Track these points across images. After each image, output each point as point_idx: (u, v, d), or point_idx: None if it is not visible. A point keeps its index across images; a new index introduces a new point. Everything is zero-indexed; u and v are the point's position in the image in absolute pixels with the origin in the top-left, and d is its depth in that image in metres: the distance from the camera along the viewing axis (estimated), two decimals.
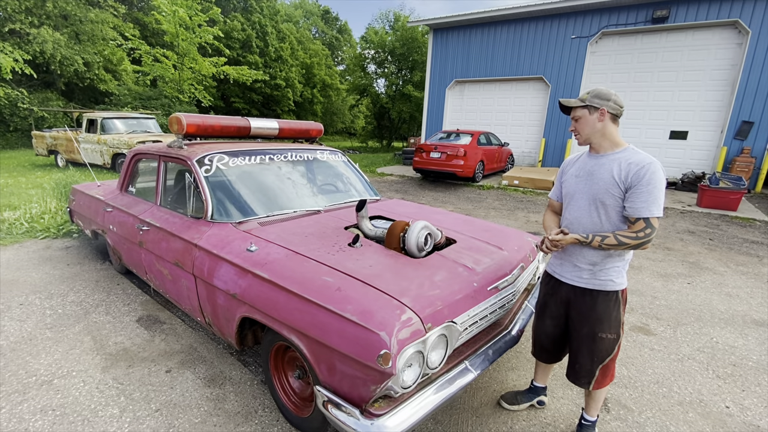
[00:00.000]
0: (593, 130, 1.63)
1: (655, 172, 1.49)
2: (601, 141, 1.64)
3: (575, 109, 1.66)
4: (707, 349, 2.81)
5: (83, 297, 3.24)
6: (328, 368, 1.51)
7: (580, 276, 1.71)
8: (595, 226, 1.65)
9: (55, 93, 18.31)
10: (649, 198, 1.49)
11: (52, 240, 4.64)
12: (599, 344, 1.70)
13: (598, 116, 1.61)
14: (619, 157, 1.59)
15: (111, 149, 9.07)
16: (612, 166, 1.59)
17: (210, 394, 2.16)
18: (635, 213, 1.52)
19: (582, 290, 1.72)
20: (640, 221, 1.52)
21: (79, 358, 2.43)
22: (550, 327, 1.89)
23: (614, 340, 1.70)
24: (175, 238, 2.39)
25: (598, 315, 1.68)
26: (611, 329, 1.68)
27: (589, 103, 1.61)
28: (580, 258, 1.70)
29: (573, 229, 1.72)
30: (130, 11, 23.00)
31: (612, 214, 1.61)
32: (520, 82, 12.63)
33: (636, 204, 1.52)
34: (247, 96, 28.36)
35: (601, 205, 1.62)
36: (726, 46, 9.64)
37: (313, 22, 40.68)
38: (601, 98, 1.59)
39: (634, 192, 1.51)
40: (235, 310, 1.93)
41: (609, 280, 1.66)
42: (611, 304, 1.67)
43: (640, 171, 1.51)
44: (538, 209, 7.47)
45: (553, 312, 1.85)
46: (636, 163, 1.53)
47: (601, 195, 1.61)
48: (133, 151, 3.23)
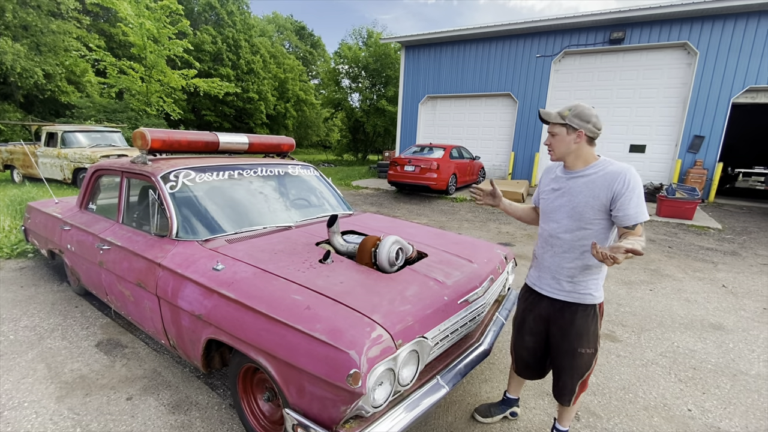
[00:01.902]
0: (568, 149, 1.61)
1: (636, 178, 1.50)
2: (575, 161, 1.63)
3: (553, 124, 1.63)
4: (669, 353, 2.93)
5: (38, 321, 3.04)
6: (297, 390, 1.48)
7: (561, 289, 1.69)
8: (575, 240, 1.63)
9: (12, 105, 17.43)
10: (639, 202, 1.49)
11: (4, 261, 4.35)
12: (579, 360, 1.69)
13: (575, 137, 1.58)
14: (595, 172, 1.58)
15: (72, 164, 8.65)
16: (591, 181, 1.58)
17: (174, 421, 2.06)
18: (632, 220, 1.49)
19: (561, 304, 1.70)
20: (639, 226, 1.49)
21: (32, 388, 2.27)
22: (530, 343, 1.87)
23: (592, 355, 1.70)
24: (138, 257, 2.29)
25: (577, 330, 1.67)
26: (590, 344, 1.68)
27: (568, 122, 1.57)
28: (560, 270, 1.69)
29: (552, 243, 1.70)
30: (96, 22, 22.35)
31: (593, 230, 1.59)
32: (490, 98, 13.06)
33: (629, 211, 1.49)
34: (219, 109, 27.92)
35: (583, 222, 1.60)
36: (677, 65, 10.34)
37: (286, 36, 40.79)
38: (581, 119, 1.56)
39: (623, 201, 1.49)
40: (201, 332, 1.86)
41: (588, 294, 1.65)
42: (589, 319, 1.66)
43: (624, 179, 1.50)
44: (510, 220, 7.66)
45: (533, 328, 1.83)
46: (615, 172, 1.52)
47: (583, 211, 1.59)
48: (94, 167, 3.10)
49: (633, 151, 11.17)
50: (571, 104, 1.60)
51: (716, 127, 9.96)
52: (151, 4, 15.38)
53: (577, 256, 1.64)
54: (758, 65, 9.35)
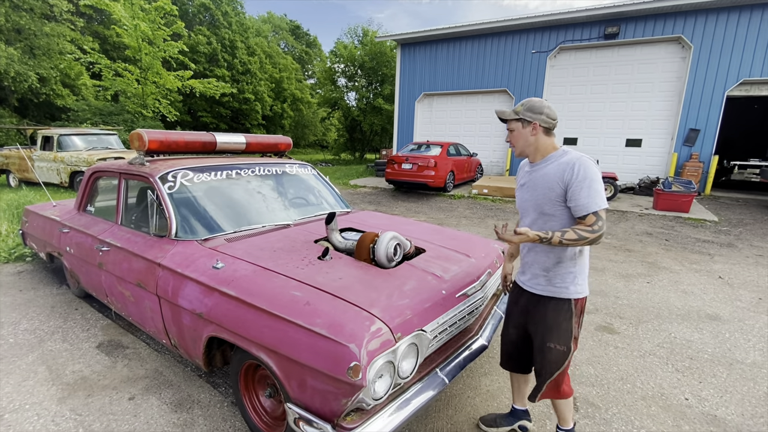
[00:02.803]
0: (526, 143, 1.64)
1: (587, 166, 1.49)
2: (535, 153, 1.66)
3: (510, 121, 1.67)
4: (666, 344, 2.96)
5: (37, 324, 3.05)
6: (298, 384, 1.49)
7: (538, 282, 1.70)
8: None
9: (7, 109, 17.36)
10: (591, 192, 1.47)
11: (2, 265, 4.35)
12: (548, 355, 1.67)
13: (531, 130, 1.61)
14: (549, 164, 1.60)
15: (69, 167, 8.64)
16: (546, 173, 1.60)
17: (177, 419, 2.07)
18: (583, 210, 1.49)
19: (538, 298, 1.70)
20: (590, 216, 1.48)
21: (33, 390, 2.28)
22: (513, 335, 1.88)
23: (564, 353, 1.65)
24: (138, 257, 2.30)
25: (547, 323, 1.66)
26: (560, 340, 1.64)
27: (521, 116, 1.61)
28: (535, 264, 1.70)
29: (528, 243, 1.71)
30: (89, 24, 22.26)
31: (557, 222, 1.60)
32: (486, 94, 13.08)
33: (580, 201, 1.49)
34: (215, 110, 27.86)
35: (545, 215, 1.62)
36: (671, 59, 10.38)
37: (282, 36, 40.68)
38: (534, 112, 1.59)
39: (573, 191, 1.50)
40: (202, 330, 1.87)
41: (563, 288, 1.63)
42: (562, 313, 1.64)
43: (573, 169, 1.51)
44: (508, 216, 7.69)
45: (516, 321, 1.85)
46: (565, 162, 1.54)
47: (543, 204, 1.61)
48: (92, 169, 3.10)
49: (629, 145, 11.21)
50: (524, 100, 1.66)
51: (711, 120, 10.01)
52: (145, 6, 15.33)
53: (548, 250, 1.64)
54: (752, 58, 9.40)
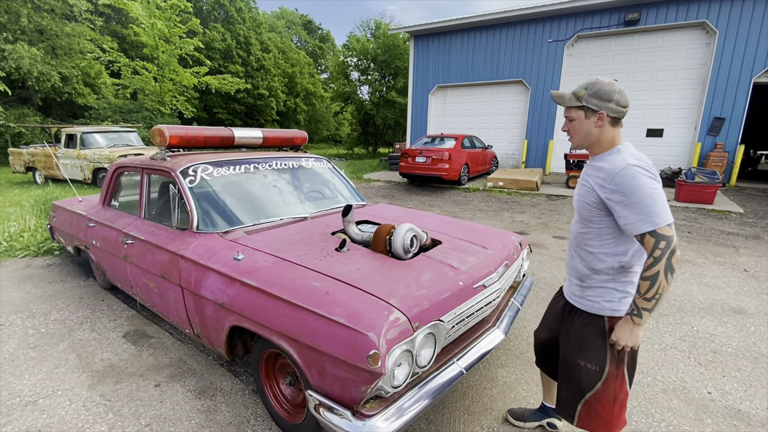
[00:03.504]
0: (588, 135, 1.41)
1: (633, 177, 1.25)
2: (596, 147, 1.42)
3: (569, 108, 1.43)
4: (688, 337, 2.90)
5: (67, 315, 3.17)
6: (318, 372, 1.53)
7: (573, 292, 1.56)
8: (578, 242, 1.50)
9: (32, 109, 17.91)
10: (642, 209, 1.23)
11: (32, 258, 4.53)
12: (577, 373, 1.50)
13: (596, 120, 1.37)
14: (604, 160, 1.39)
15: (92, 164, 8.90)
16: (591, 170, 1.42)
17: (201, 406, 2.14)
18: (635, 229, 1.26)
19: (571, 308, 1.57)
20: (646, 237, 1.24)
21: (65, 377, 2.38)
22: (544, 338, 1.80)
23: (596, 373, 1.45)
24: (161, 250, 2.37)
25: (576, 338, 1.51)
26: (591, 359, 1.45)
27: (585, 104, 1.37)
28: (572, 271, 1.56)
29: (570, 239, 1.57)
30: (108, 24, 22.72)
31: (592, 229, 1.42)
32: (501, 85, 12.88)
33: (629, 219, 1.26)
34: (230, 106, 28.21)
35: (581, 218, 1.46)
36: (695, 46, 10.01)
37: (295, 31, 40.78)
38: (601, 98, 1.34)
39: (620, 206, 1.28)
40: (224, 320, 1.92)
41: (595, 302, 1.45)
42: (592, 330, 1.46)
43: (613, 180, 1.29)
44: (523, 209, 7.60)
45: (550, 324, 1.75)
46: (609, 171, 1.31)
47: (580, 206, 1.45)
48: (115, 165, 3.20)
49: (650, 135, 10.91)
50: (588, 81, 1.39)
51: (737, 108, 9.65)
52: (161, 4, 15.56)
53: (583, 256, 1.49)
54: None
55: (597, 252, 1.43)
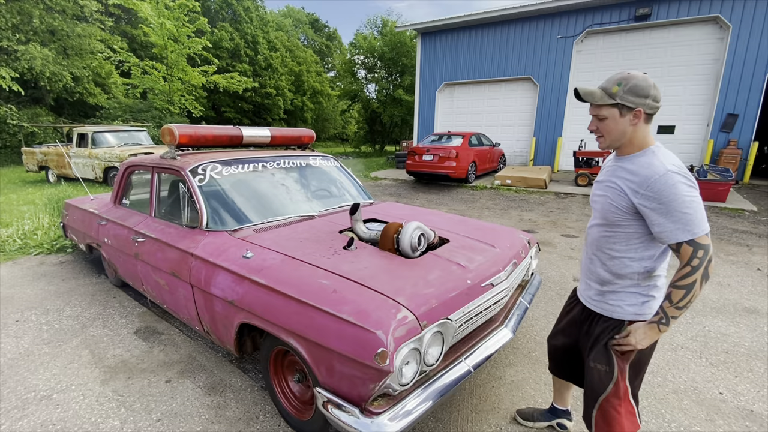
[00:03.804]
0: (622, 134, 1.31)
1: (674, 184, 1.19)
2: (627, 146, 1.34)
3: (600, 106, 1.32)
4: (700, 337, 2.87)
5: (79, 311, 3.23)
6: (327, 369, 1.54)
7: (590, 296, 1.51)
8: (599, 244, 1.44)
9: (44, 108, 18.20)
10: (680, 218, 1.18)
11: (45, 256, 4.61)
12: (590, 375, 1.47)
13: (631, 118, 1.28)
14: (632, 162, 1.31)
15: (102, 163, 9.03)
16: (622, 172, 1.33)
17: (211, 402, 2.17)
18: (671, 238, 1.21)
19: (589, 313, 1.53)
20: (684, 246, 1.20)
21: (78, 372, 2.43)
22: (560, 343, 1.75)
23: (606, 375, 1.41)
24: (171, 248, 2.40)
25: (593, 342, 1.48)
26: (601, 359, 1.43)
27: (621, 101, 1.27)
28: (589, 274, 1.50)
29: (587, 241, 1.52)
30: (118, 24, 22.97)
31: (617, 233, 1.36)
32: (509, 82, 12.78)
33: (665, 228, 1.21)
34: (238, 105, 28.39)
35: (605, 221, 1.39)
36: (708, 41, 9.84)
37: (302, 29, 40.87)
38: (638, 95, 1.25)
39: (657, 214, 1.22)
40: (234, 317, 1.94)
41: (617, 306, 1.41)
42: (607, 332, 1.43)
43: (651, 187, 1.22)
44: (531, 207, 7.55)
45: (566, 330, 1.71)
46: (646, 176, 1.24)
47: (605, 207, 1.37)
48: (126, 164, 3.24)
49: (661, 132, 10.76)
50: (618, 75, 1.29)
51: (751, 104, 9.46)
52: (170, 4, 15.69)
53: (605, 260, 1.43)
54: None
55: (622, 256, 1.37)
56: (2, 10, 15.19)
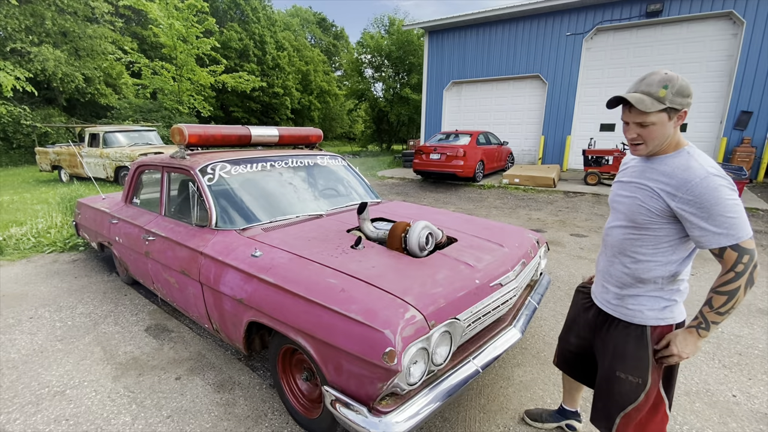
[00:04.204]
0: (666, 138, 1.25)
1: (716, 188, 1.14)
2: (663, 149, 1.29)
3: (648, 113, 1.22)
4: (713, 339, 2.82)
5: (92, 308, 3.28)
6: (335, 368, 1.54)
7: (608, 300, 1.47)
8: (621, 247, 1.39)
9: (57, 109, 18.51)
10: (723, 222, 1.14)
11: (59, 254, 4.69)
12: (616, 385, 1.41)
13: (676, 121, 1.23)
14: (667, 164, 1.25)
15: (113, 162, 9.15)
16: (655, 173, 1.28)
17: (220, 399, 2.19)
18: (713, 243, 1.17)
19: (606, 317, 1.48)
20: (728, 251, 1.16)
21: (90, 368, 2.47)
22: (574, 345, 1.70)
23: (637, 386, 1.36)
24: (181, 246, 2.42)
25: (616, 349, 1.42)
26: (632, 370, 1.37)
27: (670, 105, 1.20)
28: (607, 277, 1.46)
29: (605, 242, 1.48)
30: (128, 25, 23.25)
31: (645, 236, 1.31)
32: (517, 80, 12.68)
33: (707, 232, 1.17)
34: (246, 105, 28.58)
35: (632, 223, 1.33)
36: (721, 37, 9.65)
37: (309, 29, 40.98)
38: (684, 95, 1.20)
39: (698, 218, 1.17)
40: (242, 315, 1.96)
41: (637, 311, 1.37)
42: (632, 340, 1.37)
43: (691, 191, 1.17)
44: (540, 207, 7.49)
45: (580, 332, 1.66)
46: (686, 179, 1.19)
47: (633, 209, 1.32)
48: (137, 163, 3.28)
49: None
50: (658, 77, 1.21)
51: (765, 101, 9.27)
52: (179, 4, 15.84)
53: (627, 263, 1.37)
54: None
55: (648, 260, 1.32)
56: (16, 12, 15.46)
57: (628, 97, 1.23)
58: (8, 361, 2.54)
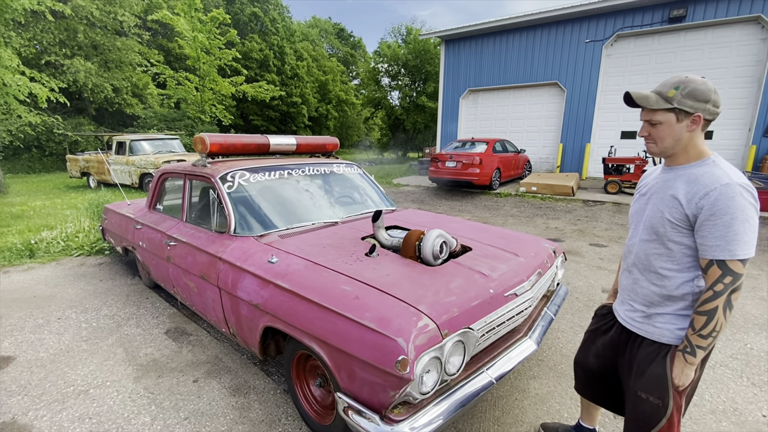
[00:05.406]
0: (677, 141, 1.24)
1: (732, 197, 1.11)
2: (681, 155, 1.27)
3: (654, 111, 1.24)
4: (741, 355, 2.71)
5: (115, 311, 3.39)
6: (348, 375, 1.55)
7: (633, 318, 1.41)
8: (647, 263, 1.34)
9: (87, 118, 19.33)
10: (727, 233, 1.11)
11: (86, 257, 4.87)
12: (638, 405, 1.36)
13: (688, 123, 1.21)
14: (690, 173, 1.22)
15: (138, 169, 9.48)
16: (678, 182, 1.24)
17: (235, 402, 2.23)
18: (707, 253, 1.15)
19: (629, 335, 1.44)
20: (713, 267, 1.14)
21: (113, 369, 2.55)
22: (594, 366, 1.64)
23: (658, 408, 1.31)
24: (201, 252, 2.49)
25: (639, 368, 1.37)
26: (654, 391, 1.31)
27: (678, 106, 1.20)
28: (632, 295, 1.41)
29: (626, 258, 1.45)
30: (155, 38, 24.17)
31: (670, 250, 1.26)
32: (535, 88, 12.57)
33: (707, 241, 1.15)
34: (265, 113, 29.20)
35: (656, 237, 1.29)
36: (749, 42, 9.37)
37: (327, 39, 41.72)
38: (697, 99, 1.18)
39: (704, 225, 1.15)
40: (258, 320, 1.99)
41: (665, 329, 1.31)
42: (657, 359, 1.32)
43: (709, 196, 1.14)
44: (557, 215, 7.36)
45: (600, 352, 1.59)
46: (705, 184, 1.16)
47: (656, 222, 1.28)
48: (161, 171, 3.40)
49: None
50: (675, 79, 1.22)
51: None
52: (203, 18, 16.39)
53: (654, 280, 1.32)
54: None
55: (675, 275, 1.27)
56: (51, 27, 16.30)
57: (633, 93, 1.26)
58: (37, 359, 2.64)
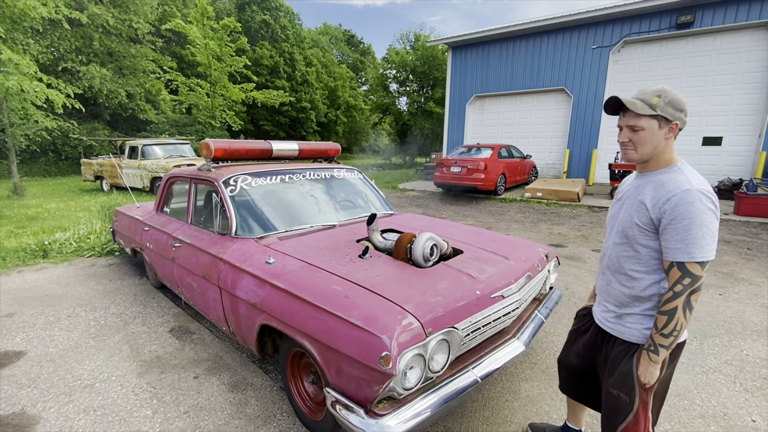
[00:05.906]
0: (656, 148, 1.29)
1: (692, 202, 1.16)
2: (653, 162, 1.32)
3: (639, 116, 1.28)
4: (736, 361, 2.71)
5: (123, 309, 3.51)
6: (336, 371, 1.62)
7: (607, 318, 1.48)
8: (618, 265, 1.40)
9: (101, 123, 19.83)
10: (686, 237, 1.16)
11: (97, 258, 5.03)
12: (609, 401, 1.43)
13: (666, 132, 1.27)
14: (658, 179, 1.29)
15: (150, 173, 9.71)
16: (647, 188, 1.30)
17: (233, 398, 2.31)
18: (669, 255, 1.21)
19: (604, 335, 1.50)
20: (674, 268, 1.20)
21: (118, 365, 2.65)
22: (575, 364, 1.70)
23: (625, 404, 1.37)
24: (203, 253, 2.59)
25: (610, 365, 1.44)
26: (622, 387, 1.37)
27: (661, 113, 1.24)
28: (606, 296, 1.48)
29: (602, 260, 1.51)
30: (168, 45, 24.74)
31: (638, 253, 1.33)
32: (541, 94, 12.59)
33: (669, 244, 1.21)
34: (275, 119, 29.60)
35: (626, 240, 1.35)
36: (758, 47, 9.29)
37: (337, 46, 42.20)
38: (676, 108, 1.24)
39: (666, 228, 1.21)
40: (255, 318, 2.08)
41: (635, 329, 1.37)
42: (625, 357, 1.38)
43: (670, 201, 1.20)
44: (562, 221, 7.36)
45: (580, 351, 1.66)
46: (668, 190, 1.22)
47: (626, 225, 1.34)
48: (168, 175, 3.52)
49: (707, 143, 10.19)
50: (653, 88, 1.28)
51: None
52: (214, 26, 16.75)
53: (624, 281, 1.39)
54: None
55: (642, 277, 1.34)
56: (68, 34, 16.82)
57: (623, 99, 1.29)
58: (47, 354, 2.76)
